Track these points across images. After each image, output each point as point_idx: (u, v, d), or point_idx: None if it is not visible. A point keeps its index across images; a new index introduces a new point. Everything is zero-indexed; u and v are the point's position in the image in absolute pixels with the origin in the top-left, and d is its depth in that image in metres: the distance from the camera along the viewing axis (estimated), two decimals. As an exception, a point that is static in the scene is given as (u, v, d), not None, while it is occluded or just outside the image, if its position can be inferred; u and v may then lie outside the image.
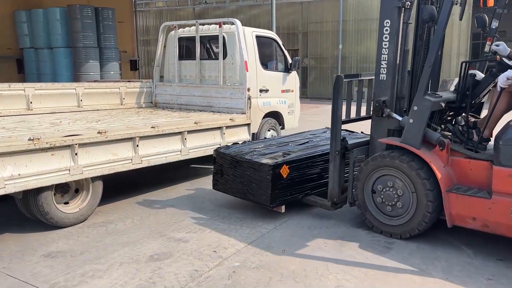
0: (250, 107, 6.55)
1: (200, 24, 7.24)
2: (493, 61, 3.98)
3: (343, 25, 18.54)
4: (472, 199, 3.69)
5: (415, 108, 3.95)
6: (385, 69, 4.18)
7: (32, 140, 3.95)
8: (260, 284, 3.32)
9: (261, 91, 7.22)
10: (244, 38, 6.82)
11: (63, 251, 3.92)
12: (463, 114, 4.22)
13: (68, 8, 12.18)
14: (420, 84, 3.94)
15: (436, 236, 4.16)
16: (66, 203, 4.54)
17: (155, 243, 4.06)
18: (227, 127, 6.11)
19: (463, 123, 4.12)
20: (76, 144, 4.30)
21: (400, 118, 4.13)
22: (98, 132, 4.52)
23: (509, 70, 3.75)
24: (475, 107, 4.41)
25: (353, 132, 6.18)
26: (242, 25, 6.85)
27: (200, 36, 7.21)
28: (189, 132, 5.55)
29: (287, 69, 7.85)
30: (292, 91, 7.99)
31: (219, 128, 6.02)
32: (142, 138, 4.96)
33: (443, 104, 4.04)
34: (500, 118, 4.00)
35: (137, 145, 4.89)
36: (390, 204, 4.10)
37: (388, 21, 4.11)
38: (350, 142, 4.59)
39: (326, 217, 4.72)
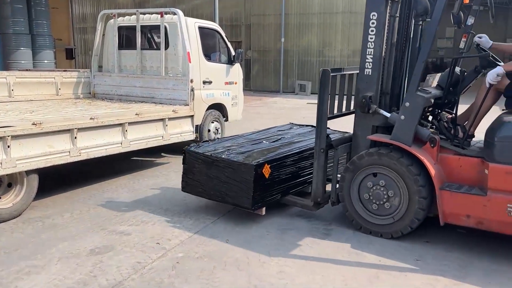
0: (193, 99, 6.52)
1: (141, 13, 7.08)
2: (483, 57, 3.96)
3: (285, 19, 18.80)
4: (466, 196, 3.64)
5: (407, 104, 3.83)
6: (370, 63, 4.04)
7: (-41, 131, 3.71)
8: (204, 273, 3.37)
9: (204, 82, 7.20)
10: (187, 28, 6.76)
11: (-4, 248, 3.73)
12: (444, 110, 4.19)
13: (-4, -9, 11.39)
14: (413, 79, 3.83)
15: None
16: (-2, 198, 4.31)
17: (96, 237, 3.98)
18: (170, 118, 6.05)
19: (447, 119, 4.10)
20: (8, 136, 4.08)
21: (388, 115, 4.02)
22: (33, 124, 4.32)
23: (498, 67, 3.77)
24: (453, 103, 4.32)
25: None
26: (184, 16, 6.78)
27: (141, 26, 7.05)
28: (130, 123, 5.43)
29: (231, 61, 7.88)
30: (236, 83, 8.03)
31: (162, 119, 5.94)
32: (81, 130, 4.80)
33: (432, 101, 3.97)
34: (485, 115, 4.01)
35: (75, 137, 4.73)
36: (379, 203, 3.98)
37: (375, 13, 3.96)
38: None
39: (267, 208, 4.82)
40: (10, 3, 11.41)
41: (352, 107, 4.55)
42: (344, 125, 5.48)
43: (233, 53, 7.90)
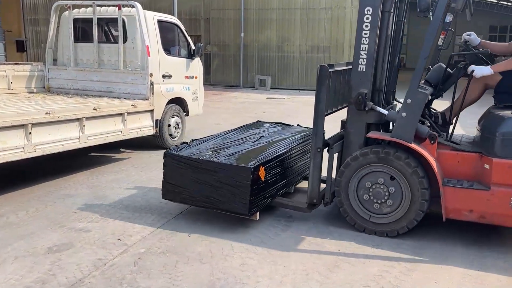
0: (152, 93, 6.44)
1: (97, 6, 6.90)
2: (483, 54, 4.03)
3: (244, 13, 18.80)
4: (470, 191, 3.70)
5: (409, 101, 3.81)
6: (364, 59, 3.97)
7: None
8: (167, 267, 3.37)
9: (164, 76, 7.12)
10: (146, 22, 6.66)
11: None
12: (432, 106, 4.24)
13: None
14: (415, 76, 3.81)
15: (331, 214, 4.53)
16: None
17: (54, 235, 3.88)
18: (129, 113, 5.96)
19: (438, 115, 4.18)
20: (-43, 131, 3.90)
21: (385, 112, 3.99)
22: (-16, 119, 4.15)
23: (487, 68, 3.89)
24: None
25: (289, 125, 5.93)
26: (143, 9, 6.67)
27: (98, 18, 6.88)
28: (88, 118, 5.32)
29: (190, 55, 7.83)
30: (196, 77, 7.99)
31: (120, 114, 5.85)
32: (35, 125, 4.65)
33: (430, 97, 3.99)
34: (468, 106, 4.15)
35: (30, 133, 4.58)
36: (379, 202, 3.94)
37: (370, 8, 3.88)
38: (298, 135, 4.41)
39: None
40: (-46, -9, 10.79)
41: (341, 104, 4.50)
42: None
43: (193, 47, 7.85)
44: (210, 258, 3.54)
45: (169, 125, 7.25)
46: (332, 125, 4.96)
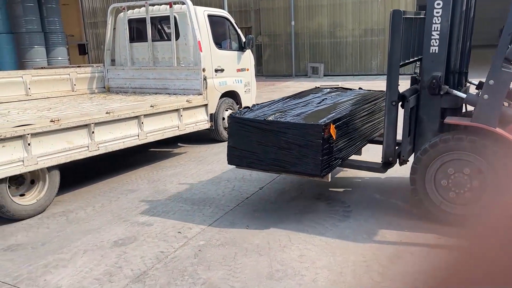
0: (206, 88, 6.54)
1: (150, 5, 7.08)
2: None
3: (294, 1, 18.57)
4: None
5: (491, 82, 3.50)
6: (437, 40, 3.73)
7: (-19, 132, 3.80)
8: (226, 259, 3.42)
9: (216, 71, 7.20)
10: (196, 17, 6.75)
11: (23, 243, 3.85)
12: None
13: (7, -9, 11.51)
14: (497, 55, 3.49)
15: (389, 203, 4.39)
16: (22, 195, 4.43)
17: (119, 229, 4.06)
18: (184, 109, 6.09)
19: None
20: (28, 134, 4.17)
21: (463, 96, 3.75)
22: (51, 121, 4.41)
23: None
24: None
25: (350, 89, 5.75)
26: (193, 4, 6.76)
27: (151, 17, 7.07)
28: (146, 115, 5.49)
29: (241, 48, 7.85)
30: (248, 69, 8.02)
31: (176, 110, 5.99)
32: (98, 124, 4.87)
33: None
34: None
35: (93, 132, 4.81)
36: (462, 191, 3.65)
37: None
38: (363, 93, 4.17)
39: (287, 192, 4.85)
40: (21, 2, 11.52)
41: (415, 56, 4.26)
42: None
43: (243, 39, 7.86)
44: (268, 249, 3.55)
45: (224, 119, 7.34)
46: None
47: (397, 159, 4.08)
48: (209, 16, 7.27)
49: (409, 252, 3.43)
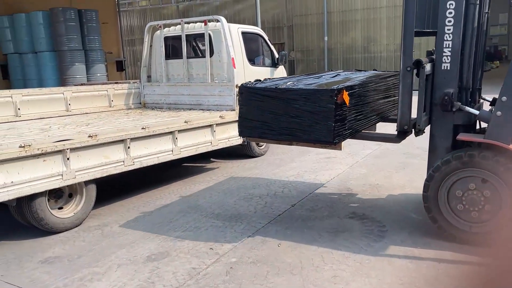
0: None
1: (185, 23, 7.24)
2: None
3: (327, 17, 18.59)
4: None
5: (504, 99, 3.49)
6: (448, 57, 3.73)
7: (23, 147, 3.95)
8: (258, 278, 3.38)
9: (249, 87, 7.23)
10: (230, 35, 6.84)
11: (60, 256, 3.94)
12: None
13: (51, 12, 12.07)
14: (510, 71, 3.48)
15: (426, 223, 4.24)
16: (61, 208, 4.55)
17: (152, 244, 4.10)
18: (218, 124, 6.14)
19: None
20: (67, 149, 4.30)
21: (476, 112, 3.73)
22: (89, 136, 4.53)
23: None
24: None
25: (365, 70, 5.70)
26: (227, 22, 6.87)
27: (186, 35, 7.21)
28: (180, 131, 5.56)
29: (275, 64, 7.89)
30: (280, 85, 8.01)
31: (210, 126, 6.04)
32: (133, 139, 4.97)
33: None
34: None
35: (129, 147, 4.91)
36: (476, 209, 3.61)
37: (452, 2, 3.67)
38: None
39: (319, 209, 4.78)
40: (63, 21, 12.04)
41: (432, 27, 4.09)
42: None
43: (276, 55, 7.90)
44: (300, 269, 3.49)
45: (256, 134, 7.34)
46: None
47: (413, 129, 3.96)
48: (243, 33, 7.36)
49: (447, 275, 3.29)
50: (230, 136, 6.42)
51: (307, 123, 3.68)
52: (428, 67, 3.83)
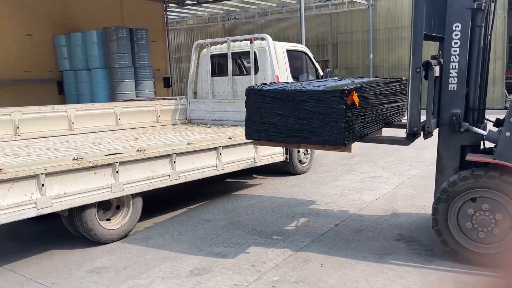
0: (283, 121, 6.58)
1: (231, 41, 7.39)
2: None
3: (373, 34, 18.40)
4: None
5: None
6: (455, 78, 3.81)
7: (76, 159, 4.13)
8: (300, 298, 3.33)
9: (293, 104, 7.24)
10: (275, 53, 6.91)
11: (107, 266, 4.05)
12: None
13: (105, 30, 12.64)
14: None
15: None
16: (108, 219, 4.70)
17: (195, 258, 4.14)
18: (261, 141, 6.16)
19: None
20: (117, 162, 4.46)
21: (484, 133, 3.80)
22: (137, 150, 4.67)
23: None
24: None
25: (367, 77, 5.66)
26: (272, 40, 6.94)
27: (232, 53, 7.34)
28: (224, 147, 5.63)
29: (319, 81, 7.87)
30: (324, 103, 7.97)
31: (253, 142, 6.07)
32: (179, 154, 5.08)
33: None
34: None
35: (175, 162, 5.02)
36: (485, 230, 3.62)
37: (459, 24, 3.75)
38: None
39: (363, 230, 4.67)
40: (116, 40, 12.58)
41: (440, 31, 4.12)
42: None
43: (321, 73, 7.89)
44: (344, 291, 3.41)
45: (299, 151, 7.32)
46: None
47: (422, 131, 3.91)
48: (288, 50, 7.41)
49: (503, 306, 3.10)
50: (273, 153, 6.43)
51: (316, 125, 3.69)
52: (437, 70, 3.85)
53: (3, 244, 4.78)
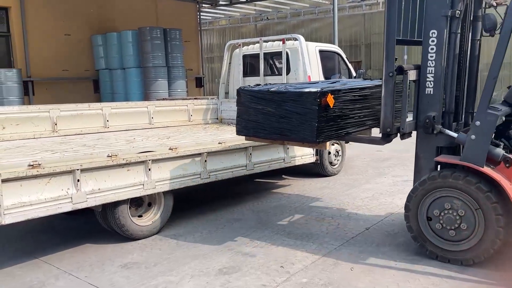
0: (314, 122, 6.53)
1: (263, 41, 7.39)
2: None
3: (408, 35, 18.06)
4: None
5: (478, 123, 3.70)
6: (431, 82, 3.98)
7: (111, 156, 4.23)
8: (329, 301, 3.29)
9: (325, 105, 7.18)
10: (308, 53, 6.86)
11: (138, 262, 4.12)
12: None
13: (139, 31, 12.90)
14: (483, 97, 3.72)
15: (504, 263, 3.89)
16: (140, 216, 4.78)
17: (223, 257, 4.16)
18: (292, 142, 6.13)
19: None
20: (149, 160, 4.53)
21: (455, 135, 3.92)
22: (170, 149, 4.74)
23: None
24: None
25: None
26: (305, 40, 6.90)
27: (264, 53, 7.34)
28: (254, 147, 5.64)
29: (351, 82, 7.77)
30: (357, 104, 7.87)
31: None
32: (210, 153, 5.12)
33: (503, 118, 3.90)
34: None
35: (205, 161, 5.06)
36: (452, 228, 3.77)
37: (435, 31, 3.91)
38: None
39: (395, 235, 4.58)
40: (150, 40, 12.82)
41: (417, 36, 4.33)
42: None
43: (353, 73, 7.78)
44: (374, 296, 3.35)
45: (329, 153, 7.25)
46: None
47: (398, 132, 4.11)
48: (320, 51, 7.35)
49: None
50: (304, 154, 6.39)
51: (294, 123, 4.01)
52: (413, 74, 4.04)
53: (39, 237, 4.95)
